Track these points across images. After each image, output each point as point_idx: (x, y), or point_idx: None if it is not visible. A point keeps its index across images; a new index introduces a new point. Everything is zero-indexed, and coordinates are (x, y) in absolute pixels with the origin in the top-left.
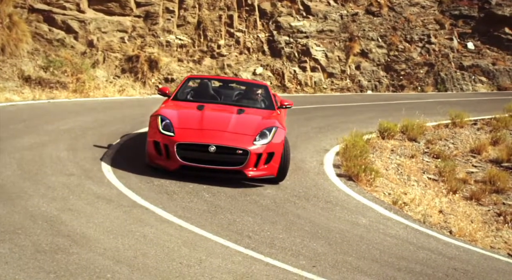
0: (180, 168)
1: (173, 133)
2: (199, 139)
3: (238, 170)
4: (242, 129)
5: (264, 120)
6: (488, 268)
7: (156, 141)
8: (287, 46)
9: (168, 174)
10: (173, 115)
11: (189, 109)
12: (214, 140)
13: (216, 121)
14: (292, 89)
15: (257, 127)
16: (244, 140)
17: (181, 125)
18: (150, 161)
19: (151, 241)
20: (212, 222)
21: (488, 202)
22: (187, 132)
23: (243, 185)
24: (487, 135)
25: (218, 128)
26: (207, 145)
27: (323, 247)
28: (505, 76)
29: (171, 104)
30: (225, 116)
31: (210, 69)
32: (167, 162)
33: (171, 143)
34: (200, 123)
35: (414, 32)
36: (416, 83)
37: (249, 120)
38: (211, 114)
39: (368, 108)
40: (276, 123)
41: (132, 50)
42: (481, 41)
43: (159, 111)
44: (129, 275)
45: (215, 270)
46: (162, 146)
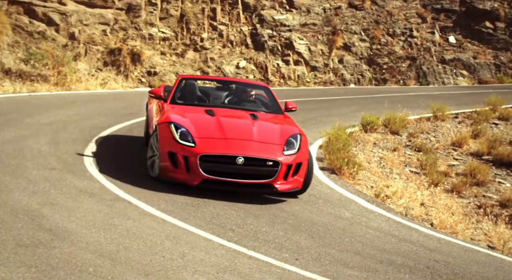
0: (202, 183)
1: (194, 143)
2: (225, 150)
3: (267, 184)
4: (268, 138)
5: (283, 126)
6: (469, 260)
7: (172, 152)
8: (270, 39)
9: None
10: (186, 122)
11: (198, 114)
12: (241, 151)
13: (238, 129)
14: (276, 82)
15: (281, 135)
16: (273, 150)
17: (201, 134)
18: (162, 175)
19: (134, 235)
20: (195, 216)
21: (468, 195)
22: (210, 142)
23: None
24: (468, 128)
25: (243, 137)
26: (234, 156)
27: (306, 240)
28: (485, 69)
29: (172, 108)
30: (245, 123)
31: (193, 62)
32: (186, 176)
33: (192, 155)
34: (221, 131)
35: (397, 26)
36: (399, 77)
37: (270, 127)
38: (229, 121)
39: (351, 101)
40: (298, 130)
41: (114, 43)
42: (462, 35)
43: (167, 118)
44: (111, 269)
45: (198, 263)
46: (180, 158)
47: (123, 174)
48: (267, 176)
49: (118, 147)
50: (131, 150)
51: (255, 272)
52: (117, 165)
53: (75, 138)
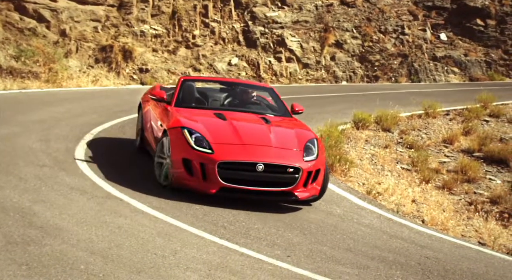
0: (220, 191)
1: (211, 150)
2: (244, 157)
3: (288, 192)
4: (286, 143)
5: (298, 130)
6: (459, 256)
7: (187, 159)
8: (262, 36)
9: (141, 166)
10: (199, 126)
11: (210, 118)
12: (261, 157)
13: (254, 135)
14: (268, 79)
15: (298, 140)
16: (294, 156)
17: (217, 139)
18: (175, 183)
19: (126, 232)
20: (187, 213)
21: (459, 192)
22: (228, 149)
23: None
24: (459, 126)
25: (261, 142)
26: (254, 163)
27: (297, 237)
28: (476, 67)
29: (180, 112)
30: (260, 128)
31: (185, 59)
32: (203, 184)
33: (210, 162)
34: (237, 137)
35: (388, 23)
36: (390, 74)
37: (285, 132)
38: (243, 125)
39: (343, 98)
40: (313, 134)
41: (105, 40)
42: (453, 32)
43: (179, 122)
44: (103, 266)
45: (190, 260)
46: (196, 165)
47: (115, 172)
48: (287, 184)
49: (110, 145)
50: (123, 147)
51: (247, 269)
52: (109, 162)
53: (67, 135)
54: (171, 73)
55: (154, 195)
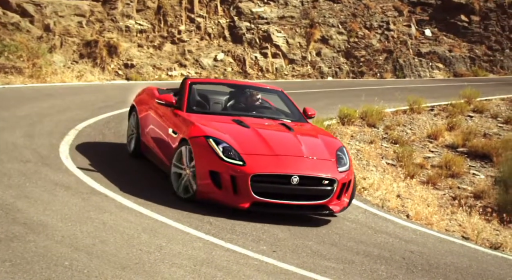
0: (252, 205)
1: (243, 162)
2: (278, 169)
3: (323, 205)
4: (317, 153)
5: (324, 138)
6: (443, 251)
7: (215, 171)
8: (248, 32)
9: (126, 162)
10: (224, 135)
11: (231, 125)
12: (295, 169)
13: (284, 144)
14: (254, 75)
15: (328, 149)
16: (328, 167)
17: (247, 150)
18: (200, 196)
19: (111, 228)
20: (173, 209)
21: (443, 186)
22: (261, 160)
23: None
24: (444, 121)
25: (293, 153)
26: (289, 175)
27: (283, 233)
28: (461, 62)
29: (196, 118)
30: (287, 136)
31: (171, 55)
32: (233, 198)
33: (243, 175)
34: (267, 147)
35: (374, 19)
36: (376, 70)
37: (312, 140)
38: (269, 133)
39: (329, 94)
40: (340, 142)
41: (90, 35)
42: (438, 28)
43: (202, 131)
44: (87, 262)
45: (175, 256)
46: (226, 178)
47: (100, 167)
48: (322, 196)
49: (94, 140)
50: (107, 143)
51: (233, 265)
52: (93, 158)
53: (51, 131)
54: (156, 69)
55: (139, 190)
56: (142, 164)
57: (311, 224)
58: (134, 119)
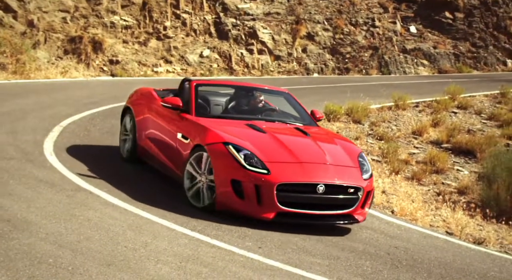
0: (277, 216)
1: (267, 170)
2: (304, 177)
3: (348, 214)
4: (339, 160)
5: (342, 143)
6: (428, 246)
7: (237, 180)
8: (234, 28)
9: (111, 159)
10: (244, 142)
11: (247, 130)
12: (321, 178)
13: (306, 150)
14: (240, 71)
15: (349, 155)
16: (353, 175)
17: (270, 157)
18: (220, 206)
19: (96, 225)
20: (158, 206)
21: (428, 182)
22: (285, 168)
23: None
24: (428, 117)
25: (317, 160)
26: (315, 184)
27: (268, 229)
28: (445, 59)
29: (207, 123)
30: (307, 142)
31: (156, 51)
32: (257, 208)
33: (267, 184)
34: (290, 154)
35: (359, 16)
36: (361, 66)
37: (331, 145)
38: (288, 139)
39: (314, 90)
40: (358, 147)
41: (75, 31)
42: (423, 25)
43: (219, 137)
44: (72, 259)
45: (160, 253)
46: (249, 187)
47: (85, 164)
48: (347, 206)
49: (79, 137)
50: (92, 140)
51: (218, 261)
52: (78, 154)
53: (35, 127)
54: (142, 65)
55: (124, 187)
56: (128, 162)
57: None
58: (130, 122)
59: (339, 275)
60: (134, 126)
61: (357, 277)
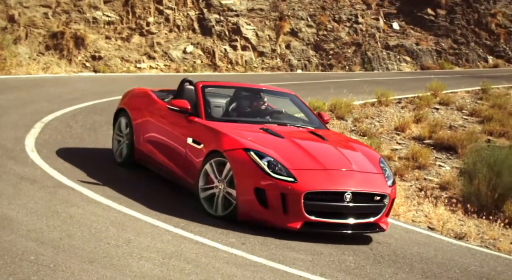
0: (304, 226)
1: (293, 178)
2: (332, 185)
3: (374, 223)
4: (363, 166)
5: (360, 148)
6: (410, 241)
7: (261, 188)
8: (218, 24)
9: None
10: (265, 148)
11: (265, 135)
12: (348, 185)
13: (330, 156)
14: (223, 68)
15: (370, 161)
16: (378, 182)
17: (294, 164)
18: (242, 216)
19: (78, 222)
20: (141, 202)
21: (410, 178)
22: (312, 176)
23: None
24: (411, 113)
25: (343, 166)
26: (342, 192)
27: (252, 225)
28: (427, 56)
29: (220, 127)
30: (328, 148)
31: (139, 47)
32: (282, 218)
33: (294, 193)
34: (314, 160)
35: (342, 12)
36: (344, 62)
37: (352, 151)
38: (309, 144)
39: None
40: (377, 152)
41: (56, 26)
42: (405, 21)
43: (239, 143)
44: (53, 256)
45: (144, 249)
46: (275, 196)
47: (67, 161)
48: (373, 214)
49: (61, 133)
50: (74, 136)
51: (202, 257)
52: (60, 151)
53: (16, 123)
54: (125, 61)
55: (107, 184)
56: (109, 157)
57: None
58: (126, 124)
59: (322, 270)
60: (131, 129)
61: (340, 272)
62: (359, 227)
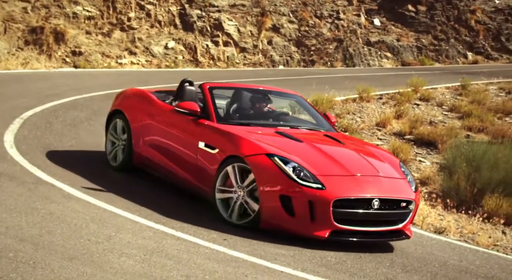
0: (332, 235)
1: (321, 184)
2: (359, 191)
3: (399, 230)
4: (387, 171)
5: (377, 151)
6: None
7: (287, 195)
8: (200, 20)
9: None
10: (289, 154)
11: (281, 139)
12: (375, 191)
13: (354, 161)
14: (205, 63)
15: (392, 165)
16: (404, 187)
17: (321, 170)
18: (266, 224)
19: (58, 218)
20: (122, 198)
21: None
22: (340, 182)
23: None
24: (392, 109)
25: (369, 172)
26: (370, 199)
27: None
28: (408, 52)
29: (235, 131)
30: (350, 152)
31: (120, 42)
32: (309, 226)
33: (323, 200)
34: (339, 166)
35: (324, 8)
36: (326, 58)
37: (373, 155)
38: (330, 149)
39: (280, 83)
40: (394, 156)
41: (36, 21)
42: (386, 17)
43: (260, 148)
44: (33, 253)
45: (124, 246)
46: (302, 203)
47: (46, 157)
48: (400, 221)
49: (40, 129)
50: (54, 132)
51: (183, 253)
52: (39, 147)
53: None
54: (105, 56)
55: (86, 180)
56: (90, 154)
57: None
58: (122, 127)
59: (304, 265)
60: (129, 132)
61: (321, 268)
62: (386, 235)
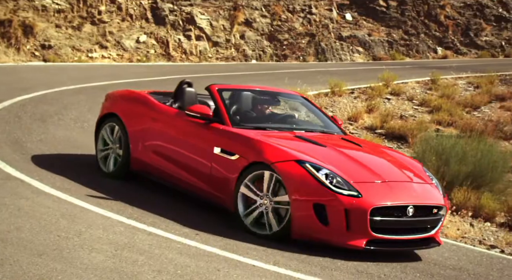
0: (368, 244)
1: (357, 192)
2: (395, 198)
3: (431, 238)
4: (416, 176)
5: (397, 155)
6: None
7: (321, 204)
8: (171, 13)
9: (44, 146)
10: (319, 160)
11: (305, 144)
12: (409, 198)
13: (383, 167)
14: (177, 58)
15: (417, 170)
16: (433, 192)
17: (354, 177)
18: (298, 234)
19: (27, 214)
20: (93, 193)
21: None
22: (375, 189)
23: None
24: (363, 103)
25: (401, 178)
26: (405, 206)
27: (206, 215)
28: (379, 46)
29: (254, 135)
30: (376, 158)
31: (91, 36)
32: (344, 236)
33: (360, 209)
34: (371, 172)
35: (296, 3)
36: (298, 53)
37: (398, 160)
38: (357, 154)
39: (253, 77)
40: (415, 159)
41: (4, 14)
42: (358, 12)
43: (289, 154)
44: (1, 250)
45: (95, 241)
46: (337, 212)
47: (15, 152)
48: (432, 228)
49: (9, 124)
50: (23, 126)
51: (155, 248)
52: (8, 142)
53: None
54: (76, 50)
55: (57, 175)
56: (60, 148)
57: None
58: (117, 131)
59: (276, 259)
60: (125, 136)
61: (292, 261)
62: (418, 243)
